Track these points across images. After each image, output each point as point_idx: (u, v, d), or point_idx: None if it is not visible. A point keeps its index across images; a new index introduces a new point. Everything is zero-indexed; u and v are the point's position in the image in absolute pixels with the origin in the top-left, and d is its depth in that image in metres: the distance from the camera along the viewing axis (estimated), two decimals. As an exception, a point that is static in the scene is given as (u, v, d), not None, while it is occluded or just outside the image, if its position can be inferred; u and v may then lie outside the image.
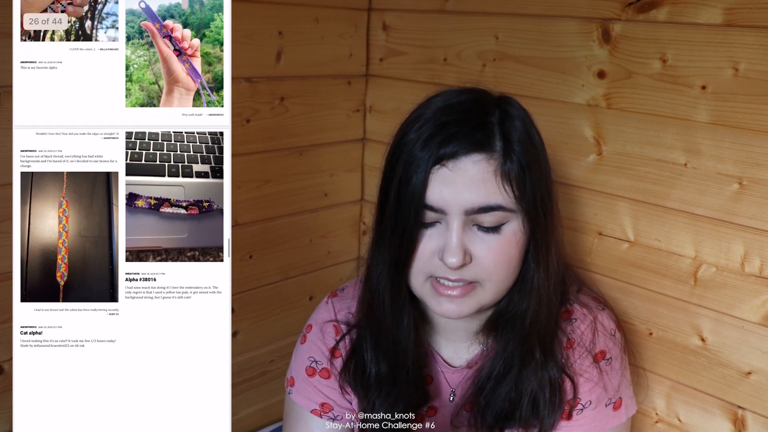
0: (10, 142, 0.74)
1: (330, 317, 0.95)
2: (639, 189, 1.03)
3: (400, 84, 1.32)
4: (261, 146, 1.24)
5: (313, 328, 0.95)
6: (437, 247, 0.79)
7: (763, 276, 0.93)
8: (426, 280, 0.81)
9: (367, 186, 1.43)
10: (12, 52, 0.73)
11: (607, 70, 1.03)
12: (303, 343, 0.95)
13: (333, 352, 0.92)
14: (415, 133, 0.78)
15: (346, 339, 0.92)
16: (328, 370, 0.92)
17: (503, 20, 1.14)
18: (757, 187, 0.92)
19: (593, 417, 0.87)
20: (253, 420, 1.37)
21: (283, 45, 1.22)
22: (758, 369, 0.96)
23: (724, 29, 0.91)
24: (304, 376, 0.93)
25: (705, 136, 0.95)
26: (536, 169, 0.79)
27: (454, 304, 0.80)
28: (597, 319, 0.89)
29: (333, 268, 1.43)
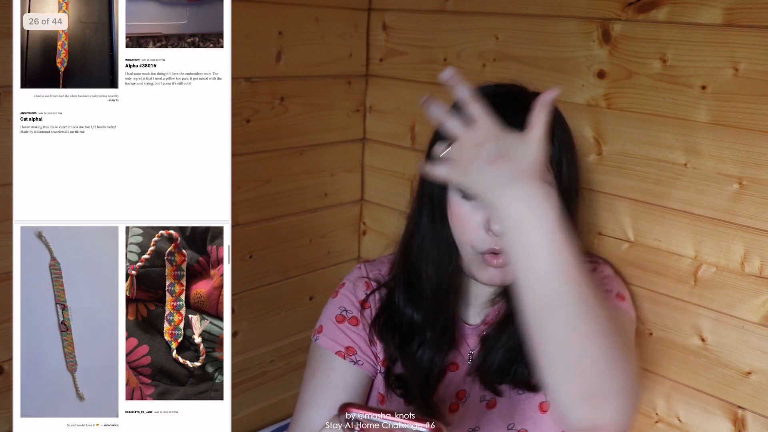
0: (10, 142, 0.74)
1: (362, 275, 1.00)
2: (639, 189, 1.03)
3: (400, 84, 1.32)
4: (261, 146, 1.24)
5: (346, 284, 1.00)
6: (482, 219, 0.83)
7: (763, 276, 0.93)
8: (474, 252, 0.86)
9: (367, 186, 1.43)
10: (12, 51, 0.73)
11: (607, 70, 1.03)
12: (334, 297, 0.99)
13: (363, 304, 0.96)
14: None
15: (376, 295, 0.97)
16: (357, 318, 0.96)
17: (503, 20, 1.14)
18: (757, 187, 0.92)
19: None
20: (253, 420, 1.37)
21: (283, 45, 1.22)
22: (758, 369, 0.96)
23: (724, 29, 0.91)
24: (333, 322, 0.96)
25: (705, 136, 0.95)
26: (572, 152, 0.87)
27: (499, 274, 0.86)
28: (598, 268, 0.98)
29: (333, 268, 1.43)
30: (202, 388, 0.76)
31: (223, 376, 0.77)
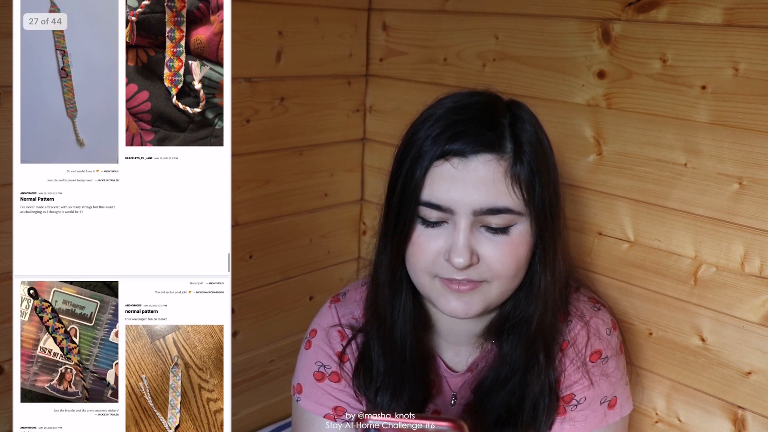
0: (10, 142, 0.74)
1: (334, 322, 0.94)
2: (639, 189, 1.03)
3: (400, 84, 1.32)
4: (261, 146, 1.24)
5: (318, 332, 0.94)
6: (444, 248, 0.78)
7: (763, 276, 0.93)
8: (433, 279, 0.81)
9: (367, 186, 1.43)
10: (12, 51, 0.73)
11: (607, 70, 1.03)
12: (308, 349, 0.94)
13: (341, 357, 0.91)
14: (425, 132, 0.79)
15: (353, 344, 0.91)
16: (338, 374, 0.91)
17: (503, 20, 1.14)
18: (757, 187, 0.92)
19: (586, 415, 0.87)
20: (253, 420, 1.37)
21: (283, 45, 1.22)
22: (758, 369, 0.96)
23: (724, 29, 0.91)
24: (312, 382, 0.92)
25: (705, 136, 0.95)
26: (545, 173, 0.79)
27: (461, 302, 0.80)
28: (593, 320, 0.89)
29: (333, 268, 1.43)
30: (202, 134, 0.75)
31: (222, 122, 0.75)
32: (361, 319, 0.92)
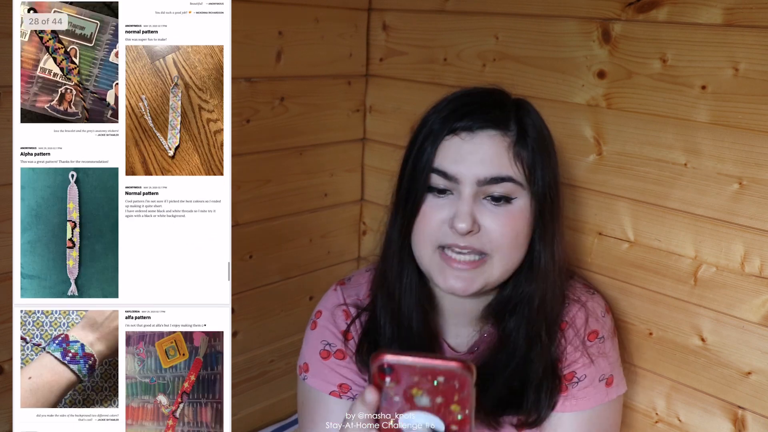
0: (10, 142, 0.74)
1: (339, 302, 0.96)
2: (639, 189, 1.03)
3: (400, 84, 1.32)
4: (261, 146, 1.24)
5: (323, 313, 0.96)
6: (448, 216, 0.83)
7: (763, 276, 0.93)
8: (435, 251, 0.84)
9: (367, 186, 1.43)
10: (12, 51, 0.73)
11: (607, 70, 1.03)
12: (314, 329, 0.96)
13: (345, 335, 0.93)
14: (436, 114, 0.85)
15: (357, 323, 0.94)
16: (343, 352, 0.93)
17: (503, 20, 1.14)
18: (757, 187, 0.92)
19: (588, 392, 0.89)
20: (253, 420, 1.37)
21: (283, 45, 1.22)
22: (758, 369, 0.96)
23: (724, 29, 0.91)
24: (318, 360, 0.94)
25: (705, 136, 0.95)
26: (546, 156, 0.85)
27: (461, 280, 0.83)
28: (589, 302, 0.93)
29: (333, 268, 1.43)
30: None
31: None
32: (366, 299, 0.95)
